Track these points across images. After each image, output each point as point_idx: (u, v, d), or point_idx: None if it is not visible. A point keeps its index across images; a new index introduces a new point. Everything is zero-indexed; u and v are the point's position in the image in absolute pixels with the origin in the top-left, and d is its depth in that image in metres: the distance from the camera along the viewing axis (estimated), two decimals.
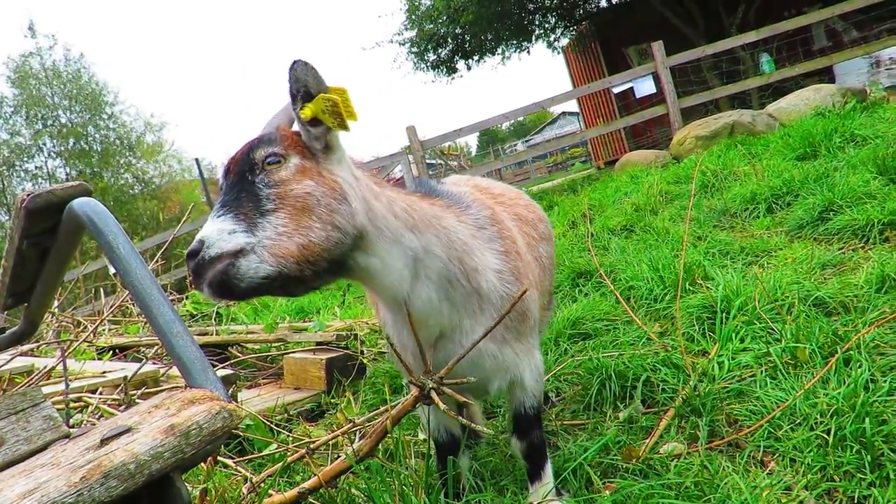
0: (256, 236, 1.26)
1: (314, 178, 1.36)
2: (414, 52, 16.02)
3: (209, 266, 1.22)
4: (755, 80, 10.40)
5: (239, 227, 1.26)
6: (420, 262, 1.50)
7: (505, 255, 1.69)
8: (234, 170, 1.36)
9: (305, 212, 1.31)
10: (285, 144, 1.38)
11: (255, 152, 1.35)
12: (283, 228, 1.28)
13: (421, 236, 1.50)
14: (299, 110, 1.36)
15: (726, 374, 2.35)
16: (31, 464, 0.84)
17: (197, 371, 1.01)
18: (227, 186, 1.35)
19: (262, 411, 2.99)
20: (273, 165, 1.34)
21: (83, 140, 22.00)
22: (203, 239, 1.24)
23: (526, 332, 1.74)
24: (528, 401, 1.81)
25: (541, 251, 2.11)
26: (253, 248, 1.24)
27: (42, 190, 1.15)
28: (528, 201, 2.30)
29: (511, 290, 1.67)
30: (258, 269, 1.23)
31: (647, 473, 1.95)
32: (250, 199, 1.31)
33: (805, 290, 2.73)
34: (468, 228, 1.65)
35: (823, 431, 1.82)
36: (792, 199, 4.43)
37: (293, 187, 1.33)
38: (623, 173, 8.39)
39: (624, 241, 4.83)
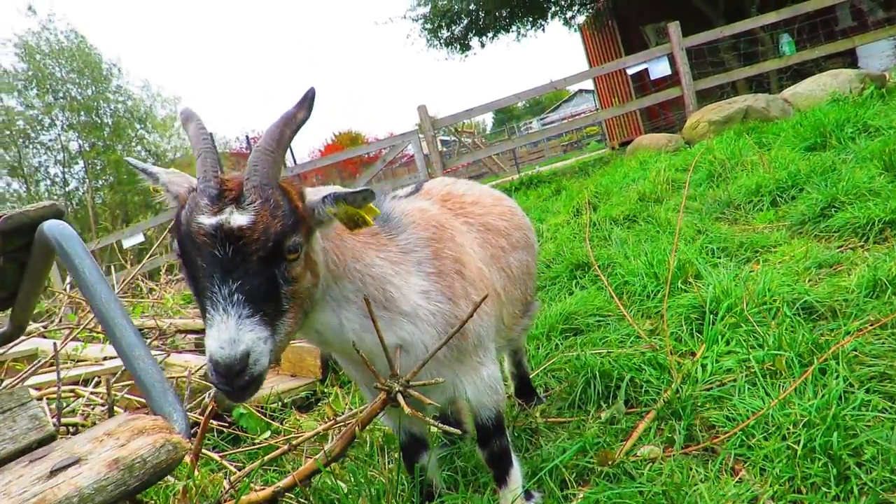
0: (274, 340, 1.27)
1: (310, 268, 1.39)
2: (427, 28, 15.85)
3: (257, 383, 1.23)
4: (774, 62, 10.18)
5: (267, 333, 1.24)
6: (340, 309, 1.56)
7: (436, 275, 1.72)
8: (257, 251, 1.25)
9: (300, 305, 1.37)
10: (303, 230, 1.35)
11: (287, 239, 1.29)
12: (288, 329, 1.31)
13: (340, 285, 1.55)
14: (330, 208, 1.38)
15: (709, 378, 2.37)
16: None
17: (157, 394, 1.06)
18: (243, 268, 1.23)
19: (257, 399, 3.06)
20: (292, 255, 1.31)
21: (94, 113, 22.20)
22: (248, 351, 1.19)
23: (467, 350, 1.77)
24: (483, 413, 1.85)
25: (511, 260, 2.12)
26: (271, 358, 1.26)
27: (15, 212, 1.19)
28: (506, 208, 2.28)
29: (442, 308, 1.70)
30: (266, 369, 1.25)
31: (619, 477, 1.99)
32: (271, 295, 1.27)
33: (795, 293, 2.72)
34: (388, 257, 1.67)
35: (794, 442, 1.84)
36: (797, 192, 4.38)
37: (301, 283, 1.35)
38: (633, 158, 8.32)
39: (626, 231, 4.81)
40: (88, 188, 21.96)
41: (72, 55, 21.61)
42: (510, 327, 2.15)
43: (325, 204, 1.38)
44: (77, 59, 21.68)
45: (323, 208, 1.38)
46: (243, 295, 1.21)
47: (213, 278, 1.22)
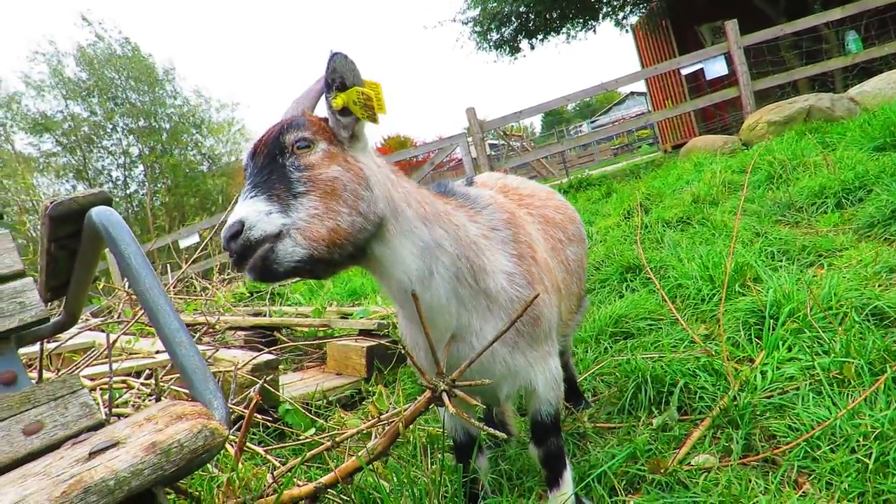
0: (291, 217, 1.27)
1: (341, 164, 1.38)
2: (477, 31, 15.81)
3: (253, 249, 1.24)
4: (838, 60, 9.72)
5: (274, 207, 1.28)
6: (430, 256, 1.50)
7: (518, 258, 1.67)
8: (262, 151, 1.37)
9: (334, 196, 1.33)
10: (314, 129, 1.40)
11: (285, 135, 1.37)
12: (314, 211, 1.30)
13: (432, 229, 1.51)
14: (332, 99, 1.39)
15: (769, 385, 2.24)
16: (30, 469, 0.89)
17: (198, 381, 1.05)
18: (255, 168, 1.36)
19: (303, 396, 3.08)
20: (302, 150, 1.36)
21: (152, 118, 23.05)
22: (243, 220, 1.24)
23: (539, 338, 1.71)
24: (544, 408, 1.78)
25: (568, 254, 2.07)
26: (288, 231, 1.26)
27: (64, 198, 1.20)
28: (560, 202, 2.25)
29: (522, 293, 1.64)
30: (294, 252, 1.26)
31: (672, 487, 1.90)
32: (281, 180, 1.32)
33: (864, 298, 2.56)
34: (480, 228, 1.64)
35: (865, 455, 1.72)
36: (864, 194, 4.15)
37: (322, 171, 1.35)
38: (687, 160, 8.08)
39: (679, 234, 4.66)
40: (148, 191, 22.83)
41: (127, 62, 22.51)
42: (566, 323, 2.10)
43: (327, 96, 1.41)
44: (132, 66, 22.57)
45: (328, 101, 1.40)
46: (251, 185, 1.32)
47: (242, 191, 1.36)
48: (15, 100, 20.70)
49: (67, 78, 21.36)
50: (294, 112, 1.50)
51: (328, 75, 1.37)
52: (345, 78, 1.37)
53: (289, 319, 4.46)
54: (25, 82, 20.77)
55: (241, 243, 1.23)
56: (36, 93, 20.94)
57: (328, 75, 1.37)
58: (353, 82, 1.38)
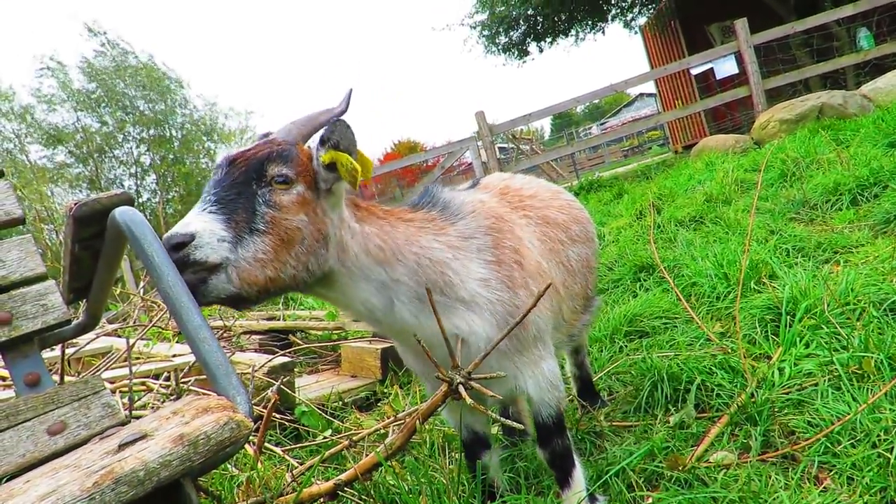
0: (237, 253, 1.27)
1: (308, 215, 1.39)
2: (485, 34, 15.87)
3: (188, 267, 1.22)
4: (850, 57, 9.65)
5: (228, 235, 1.26)
6: (388, 291, 1.54)
7: (496, 264, 1.68)
8: (241, 167, 1.35)
9: (288, 246, 1.34)
10: (298, 169, 1.39)
11: (270, 165, 1.36)
12: (262, 256, 1.29)
13: (390, 269, 1.54)
14: (321, 154, 1.41)
15: (787, 382, 2.23)
16: (60, 463, 0.91)
17: (221, 376, 1.06)
18: (226, 180, 1.33)
19: (319, 398, 3.09)
20: (280, 185, 1.36)
21: (163, 127, 23.26)
22: (194, 234, 1.23)
23: (527, 342, 1.71)
24: (544, 410, 1.78)
25: (570, 254, 2.06)
26: (227, 267, 1.25)
27: (88, 199, 1.23)
28: (564, 202, 2.23)
29: (501, 296, 1.65)
30: (223, 289, 1.26)
31: (691, 483, 1.89)
32: (246, 209, 1.31)
33: (882, 294, 2.54)
34: (448, 240, 1.65)
35: (886, 450, 1.70)
36: (879, 190, 4.12)
37: (288, 217, 1.35)
38: (699, 159, 8.05)
39: (692, 233, 4.64)
40: (160, 199, 23.04)
41: (135, 72, 22.71)
42: (571, 323, 2.09)
43: (318, 150, 1.42)
44: (142, 76, 22.77)
45: (318, 157, 1.42)
46: (214, 197, 1.30)
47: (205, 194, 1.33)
48: (29, 111, 20.99)
49: (76, 90, 21.59)
50: (287, 136, 1.49)
51: (327, 134, 1.40)
52: (340, 144, 1.40)
53: (303, 323, 4.49)
54: (36, 97, 21.05)
55: (181, 257, 1.21)
56: (47, 106, 21.23)
57: (327, 134, 1.40)
58: (346, 149, 1.40)
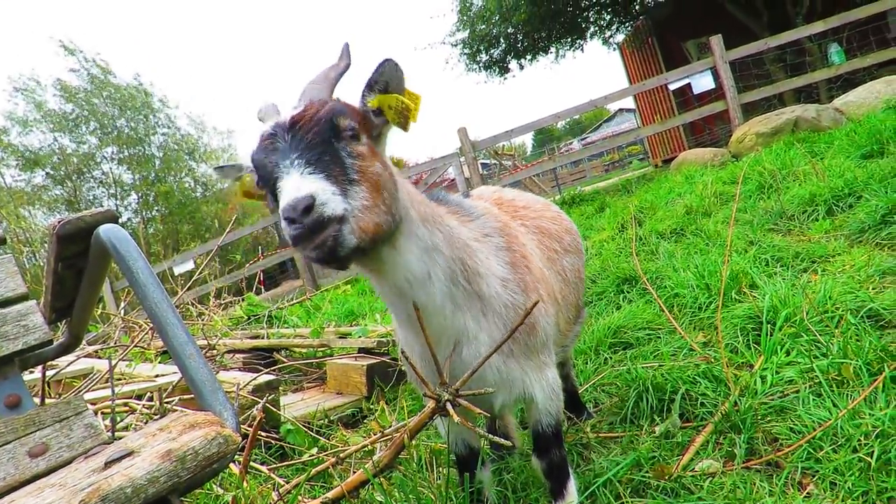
0: (351, 204, 1.24)
1: (380, 161, 1.38)
2: (466, 52, 16.03)
3: (325, 226, 1.18)
4: (823, 72, 9.88)
5: (337, 189, 1.23)
6: (429, 258, 1.50)
7: (512, 265, 1.68)
8: (310, 128, 1.30)
9: (378, 191, 1.32)
10: (359, 120, 1.37)
11: (339, 119, 1.32)
12: (366, 203, 1.27)
13: (432, 232, 1.51)
14: (369, 98, 1.40)
15: (769, 390, 2.26)
16: (45, 482, 0.90)
17: (207, 392, 1.06)
18: (303, 143, 1.28)
19: (304, 416, 3.07)
20: (352, 139, 1.33)
21: (143, 146, 23.05)
22: (313, 195, 1.17)
23: (535, 347, 1.71)
24: (545, 419, 1.77)
25: (564, 264, 2.09)
26: (349, 217, 1.22)
27: (72, 217, 1.22)
28: (555, 213, 2.28)
29: (516, 299, 1.65)
30: (350, 241, 1.22)
31: (678, 492, 1.90)
32: (337, 164, 1.27)
33: (859, 301, 2.59)
34: (472, 233, 1.66)
35: (867, 454, 1.73)
36: (854, 200, 4.21)
37: (369, 164, 1.33)
38: (678, 173, 8.16)
39: (673, 245, 4.70)
40: (141, 219, 22.79)
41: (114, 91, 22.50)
42: (564, 333, 2.11)
43: (365, 96, 1.40)
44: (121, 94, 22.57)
45: (364, 101, 1.40)
46: (304, 160, 1.25)
47: (279, 163, 1.26)
48: (4, 132, 20.68)
49: (52, 110, 21.33)
50: (313, 95, 1.43)
51: (375, 76, 1.39)
52: (389, 84, 1.39)
53: (287, 341, 4.45)
54: (10, 118, 20.71)
55: (315, 218, 1.16)
56: (21, 128, 20.91)
57: (375, 76, 1.39)
58: (395, 89, 1.39)
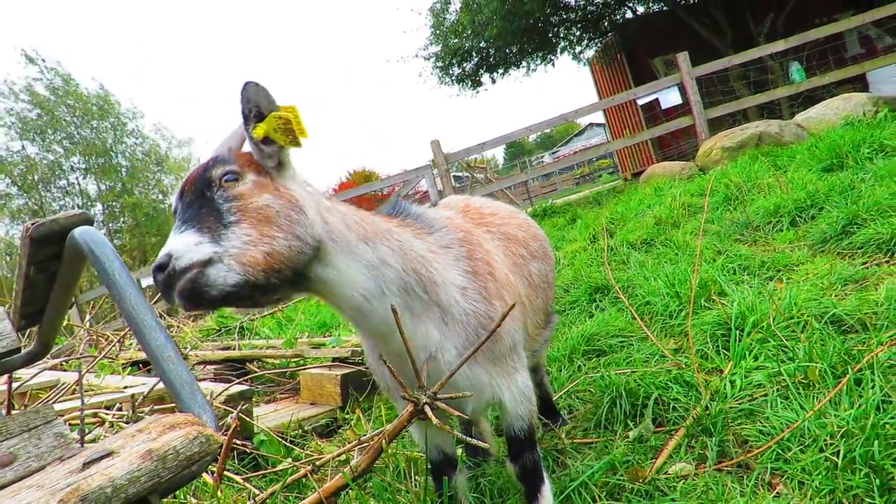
0: (223, 246, 1.26)
1: (271, 193, 1.39)
2: (439, 66, 16.17)
3: (179, 277, 1.21)
4: (784, 89, 10.21)
5: (204, 238, 1.26)
6: (377, 274, 1.52)
7: (473, 274, 1.70)
8: (190, 189, 1.36)
9: (267, 222, 1.33)
10: (240, 163, 1.41)
11: (211, 171, 1.37)
12: (247, 238, 1.29)
13: (375, 248, 1.53)
14: (252, 130, 1.40)
15: (738, 394, 2.31)
16: (21, 484, 0.88)
17: (186, 395, 1.05)
18: (183, 206, 1.35)
19: (278, 426, 3.03)
20: (230, 182, 1.36)
21: (109, 157, 22.64)
22: (170, 252, 1.23)
23: (502, 353, 1.73)
24: (517, 423, 1.79)
25: (531, 269, 2.11)
26: (220, 258, 1.25)
27: (46, 219, 1.20)
28: (523, 220, 2.30)
29: (477, 307, 1.67)
30: (227, 277, 1.23)
31: (652, 494, 1.93)
32: (211, 213, 1.32)
33: (822, 307, 2.67)
34: (427, 245, 1.67)
35: (833, 454, 1.78)
36: (816, 212, 4.34)
37: (253, 200, 1.35)
38: (647, 185, 8.32)
39: (643, 255, 4.78)
40: (107, 231, 22.32)
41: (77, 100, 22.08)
42: (533, 338, 2.13)
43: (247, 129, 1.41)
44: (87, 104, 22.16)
45: (248, 133, 1.41)
46: (181, 221, 1.31)
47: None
48: None
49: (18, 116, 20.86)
50: (220, 151, 1.49)
51: (243, 106, 1.39)
52: (260, 106, 1.38)
53: (259, 352, 4.40)
54: None
55: (168, 273, 1.21)
56: None
57: (243, 106, 1.39)
58: (269, 109, 1.39)
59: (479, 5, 13.47)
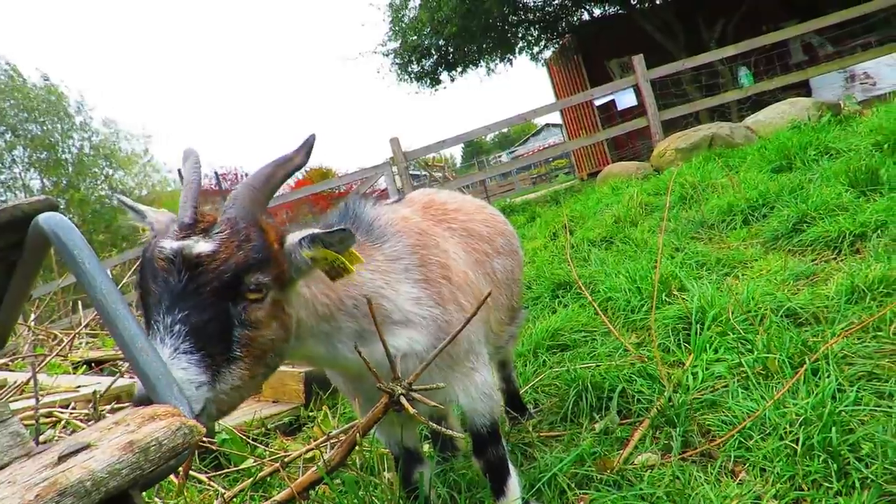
0: (217, 388, 1.15)
1: (278, 320, 1.28)
2: (398, 63, 16.10)
3: None
4: (734, 93, 10.58)
5: (206, 377, 1.13)
6: (332, 338, 1.53)
7: (424, 282, 1.68)
8: (211, 282, 1.17)
9: (260, 361, 1.25)
10: (274, 272, 1.26)
11: (248, 276, 1.20)
12: (237, 382, 1.19)
13: (334, 322, 1.52)
14: (306, 251, 1.31)
15: (700, 385, 2.38)
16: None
17: (162, 386, 1.01)
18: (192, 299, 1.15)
19: (239, 425, 2.96)
20: (254, 294, 1.22)
21: (56, 151, 21.73)
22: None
23: (458, 356, 1.73)
24: (478, 420, 1.81)
25: (495, 266, 2.10)
26: (210, 403, 1.15)
27: (7, 205, 1.14)
28: (489, 215, 2.28)
29: (433, 312, 1.66)
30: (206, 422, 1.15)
31: (620, 484, 1.96)
32: (220, 334, 1.17)
33: (777, 301, 2.77)
34: (379, 266, 1.64)
35: (792, 441, 1.85)
36: (768, 210, 4.50)
37: (262, 333, 1.24)
38: (605, 185, 8.47)
39: (604, 252, 4.87)
40: None
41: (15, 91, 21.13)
42: (498, 334, 2.13)
43: (302, 246, 1.31)
44: (28, 96, 21.23)
45: (299, 251, 1.31)
46: (186, 327, 1.12)
47: (160, 306, 1.13)
48: None
49: None
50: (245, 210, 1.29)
51: (328, 238, 1.29)
52: (333, 245, 1.30)
53: None
54: None
55: None
56: None
57: (328, 238, 1.29)
58: (337, 250, 1.30)
59: (439, 3, 13.47)
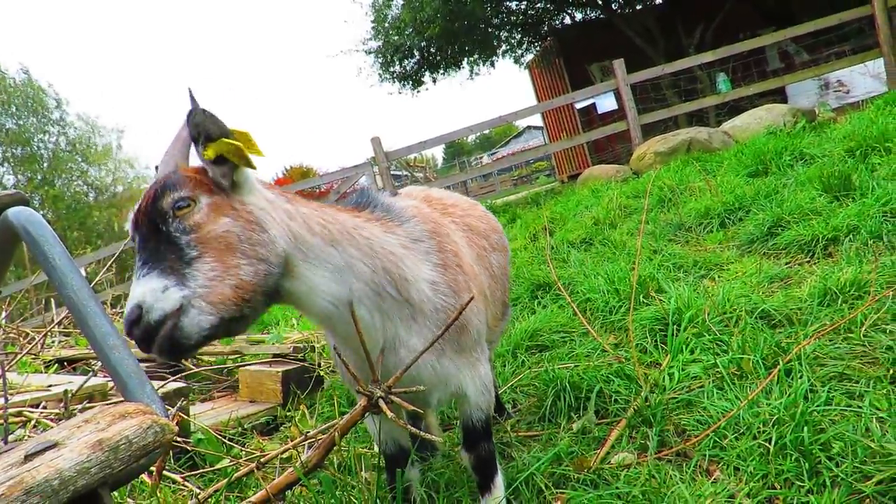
0: (190, 287, 1.22)
1: (229, 214, 1.33)
2: (380, 62, 16.03)
3: (155, 331, 1.19)
4: (712, 98, 10.72)
5: (169, 281, 1.22)
6: (346, 278, 1.48)
7: (443, 267, 1.68)
8: (143, 221, 1.30)
9: (230, 250, 1.29)
10: (191, 185, 1.33)
11: (161, 201, 1.30)
12: (213, 273, 1.25)
13: (342, 250, 1.48)
14: (203, 152, 1.34)
15: (676, 385, 2.40)
16: None
17: (133, 384, 1.00)
18: (141, 241, 1.28)
19: (216, 425, 2.93)
20: (184, 210, 1.29)
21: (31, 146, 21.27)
22: (140, 304, 1.19)
23: (467, 345, 1.73)
24: (476, 413, 1.80)
25: (492, 261, 2.13)
26: (190, 302, 1.21)
27: None
28: (482, 213, 2.32)
29: (447, 302, 1.65)
30: (201, 321, 1.21)
31: (597, 483, 1.98)
32: (171, 249, 1.26)
33: (752, 303, 2.81)
34: (398, 239, 1.63)
35: (765, 440, 1.87)
36: (744, 214, 4.56)
37: (210, 228, 1.30)
38: (585, 187, 8.53)
39: (583, 253, 4.90)
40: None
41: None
42: (492, 329, 2.14)
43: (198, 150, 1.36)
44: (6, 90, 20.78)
45: (200, 154, 1.36)
46: (141, 261, 1.26)
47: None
48: None
49: None
50: (167, 167, 1.43)
51: (192, 131, 1.34)
52: (210, 132, 1.33)
53: None
54: None
55: (143, 328, 1.18)
56: None
57: (192, 131, 1.34)
58: (219, 134, 1.33)
59: (422, 3, 13.45)
